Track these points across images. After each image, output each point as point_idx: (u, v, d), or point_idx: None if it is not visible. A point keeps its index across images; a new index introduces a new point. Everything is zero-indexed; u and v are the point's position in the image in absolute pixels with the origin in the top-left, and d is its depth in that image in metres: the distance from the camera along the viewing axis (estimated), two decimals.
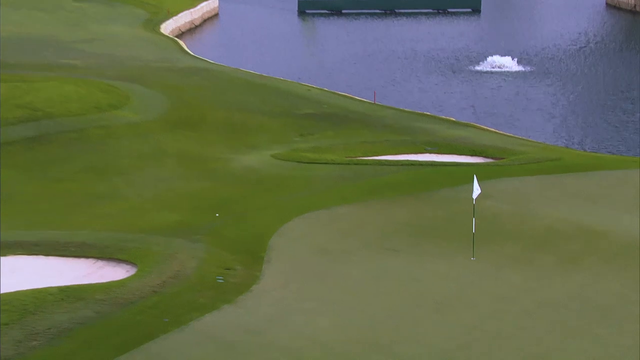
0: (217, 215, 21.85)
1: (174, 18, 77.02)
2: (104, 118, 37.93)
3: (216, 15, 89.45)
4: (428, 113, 43.95)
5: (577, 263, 21.33)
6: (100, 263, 21.48)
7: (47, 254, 21.93)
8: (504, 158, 33.14)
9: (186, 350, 16.40)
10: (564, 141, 43.45)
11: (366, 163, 32.19)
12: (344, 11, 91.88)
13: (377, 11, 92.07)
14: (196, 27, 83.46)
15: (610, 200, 26.68)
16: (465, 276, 20.50)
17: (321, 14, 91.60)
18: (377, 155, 34.04)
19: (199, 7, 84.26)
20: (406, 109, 44.66)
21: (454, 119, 42.41)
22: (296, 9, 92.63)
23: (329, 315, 18.24)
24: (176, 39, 68.96)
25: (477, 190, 21.61)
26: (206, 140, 36.46)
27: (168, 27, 74.20)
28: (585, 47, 74.14)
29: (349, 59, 67.73)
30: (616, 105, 51.95)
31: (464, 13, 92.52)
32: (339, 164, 31.92)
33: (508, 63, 63.38)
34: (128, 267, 21.03)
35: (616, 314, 18.28)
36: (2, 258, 21.31)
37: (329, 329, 17.49)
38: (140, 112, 39.55)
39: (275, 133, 38.20)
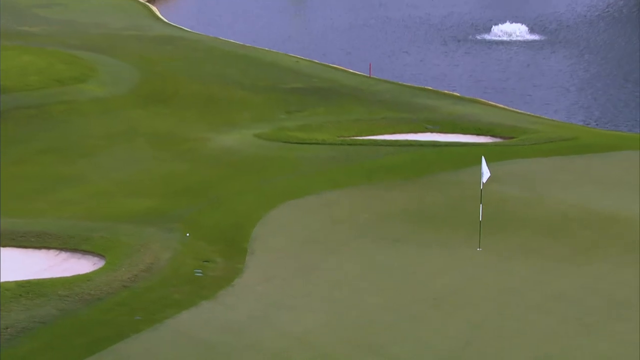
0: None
1: None
2: (67, 92, 37.85)
3: None
4: (429, 87, 44.04)
5: (593, 253, 21.53)
6: (63, 255, 21.54)
7: (3, 245, 21.98)
8: (513, 137, 33.31)
9: (160, 352, 16.51)
10: (581, 118, 43.65)
11: (360, 143, 32.29)
12: None
13: None
14: None
15: (631, 184, 26.86)
16: (470, 268, 20.68)
17: None
18: (372, 135, 34.13)
19: None
20: (405, 83, 44.73)
21: (458, 94, 42.53)
22: None
23: (318, 312, 18.38)
24: (147, 3, 68.73)
25: (486, 173, 21.71)
26: (181, 118, 36.46)
27: None
28: (605, 12, 74.22)
29: (342, 28, 67.65)
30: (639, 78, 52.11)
31: None
32: (330, 144, 32.01)
33: (519, 31, 63.45)
34: (95, 259, 21.10)
35: (636, 309, 18.48)
36: None
37: (318, 328, 17.63)
38: (108, 86, 39.47)
39: (259, 110, 38.21)
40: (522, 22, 64.83)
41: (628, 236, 22.55)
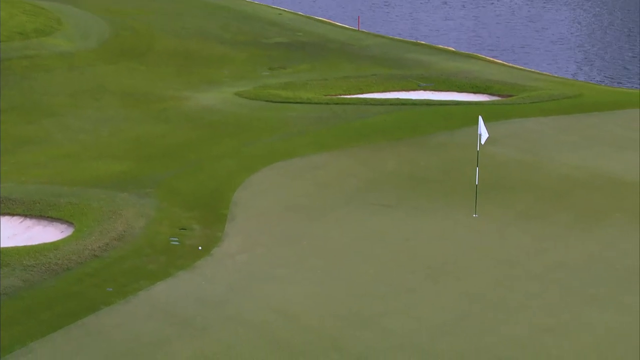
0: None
1: None
2: (30, 46, 37.44)
3: None
4: (422, 42, 43.85)
5: (598, 219, 21.54)
6: (28, 222, 21.38)
7: None
8: (512, 95, 33.24)
9: (133, 326, 16.45)
10: (586, 75, 43.58)
11: (348, 102, 32.17)
12: None
13: None
14: None
15: None
16: (466, 236, 20.66)
17: None
18: (361, 93, 34.03)
19: None
20: (396, 37, 44.53)
21: (453, 49, 42.37)
22: None
23: (303, 283, 18.34)
24: None
25: (484, 134, 21.61)
26: (156, 75, 36.20)
27: None
28: None
29: None
30: None
31: None
32: (316, 103, 31.89)
33: None
34: (62, 226, 20.97)
35: None
36: None
37: (304, 300, 17.60)
38: (75, 40, 39.09)
39: (240, 66, 38.00)
40: None
41: (636, 201, 22.56)
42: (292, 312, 17.05)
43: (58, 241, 19.92)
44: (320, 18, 48.05)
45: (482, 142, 21.79)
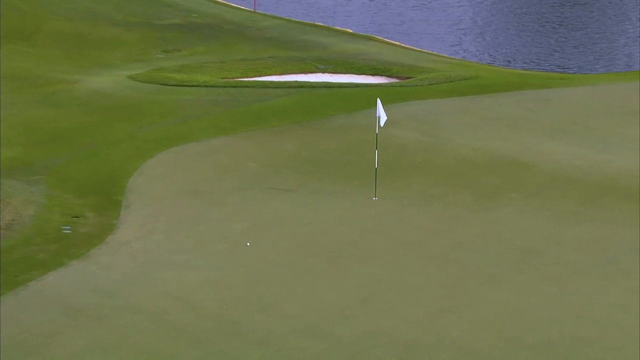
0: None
1: None
2: None
3: None
4: (320, 23, 43.93)
5: (495, 200, 22.01)
6: None
7: None
8: (411, 77, 33.62)
9: (23, 317, 16.10)
10: (482, 57, 44.39)
11: (246, 85, 32.04)
12: None
13: None
14: None
15: (535, 124, 27.53)
16: (366, 219, 20.84)
17: None
18: (259, 76, 33.93)
19: None
20: (294, 19, 44.49)
21: (351, 31, 42.58)
22: None
23: (201, 269, 18.24)
24: None
25: (382, 116, 21.80)
26: (45, 58, 35.38)
27: None
28: None
29: None
30: (547, 12, 53.31)
31: None
32: (212, 86, 31.66)
33: None
34: None
35: (539, 258, 19.03)
36: None
37: (202, 286, 17.51)
38: None
39: (133, 48, 37.43)
40: None
41: (531, 181, 23.14)
42: (190, 298, 16.94)
43: None
44: None
45: (382, 124, 21.98)
